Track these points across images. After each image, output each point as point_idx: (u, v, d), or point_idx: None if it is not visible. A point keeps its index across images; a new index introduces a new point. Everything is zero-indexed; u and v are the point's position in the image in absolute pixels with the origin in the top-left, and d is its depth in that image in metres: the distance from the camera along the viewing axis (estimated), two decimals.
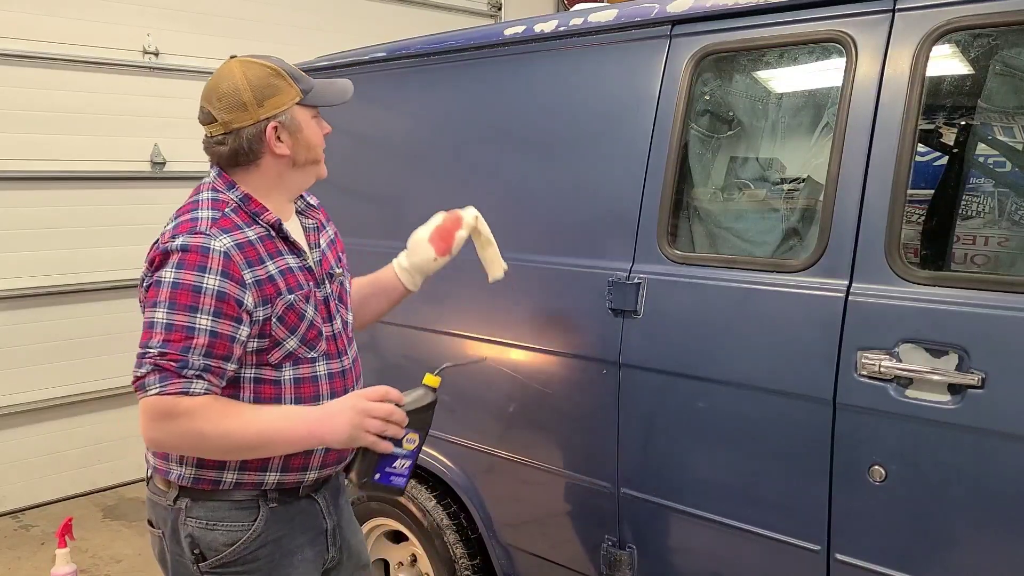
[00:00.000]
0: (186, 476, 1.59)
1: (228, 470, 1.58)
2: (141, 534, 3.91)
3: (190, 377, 1.46)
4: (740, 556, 1.85)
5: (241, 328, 1.51)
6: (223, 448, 1.51)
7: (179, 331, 1.46)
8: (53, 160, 4.16)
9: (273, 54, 1.68)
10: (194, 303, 1.46)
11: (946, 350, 1.54)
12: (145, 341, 1.47)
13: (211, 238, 1.50)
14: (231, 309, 1.49)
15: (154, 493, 1.66)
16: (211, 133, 1.61)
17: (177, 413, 1.45)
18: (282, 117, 1.60)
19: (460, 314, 2.31)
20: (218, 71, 1.62)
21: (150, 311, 1.49)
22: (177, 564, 1.64)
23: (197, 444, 1.50)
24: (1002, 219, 2.55)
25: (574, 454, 2.12)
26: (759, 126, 2.16)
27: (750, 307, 1.78)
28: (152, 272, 1.52)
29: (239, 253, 1.52)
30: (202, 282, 1.47)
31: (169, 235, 1.52)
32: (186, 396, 1.45)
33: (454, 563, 2.38)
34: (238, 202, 1.60)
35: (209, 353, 1.47)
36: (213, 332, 1.47)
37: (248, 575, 1.62)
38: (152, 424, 1.47)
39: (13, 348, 4.13)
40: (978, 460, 1.52)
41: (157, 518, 1.66)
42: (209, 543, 1.60)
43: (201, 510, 1.60)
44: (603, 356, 2.01)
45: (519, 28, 2.29)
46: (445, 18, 5.65)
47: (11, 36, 4.00)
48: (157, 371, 1.45)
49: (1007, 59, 1.88)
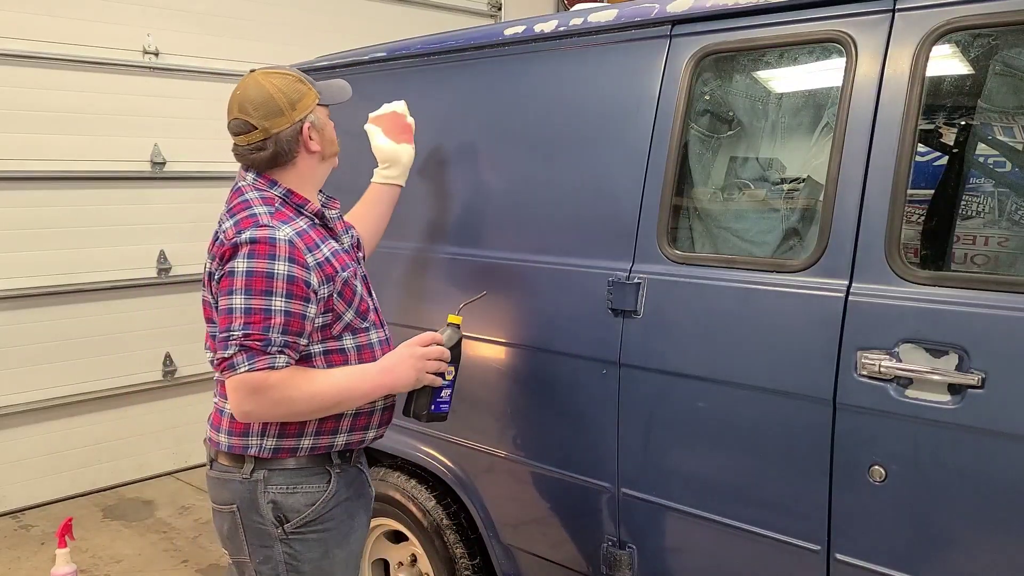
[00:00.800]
0: (267, 447, 1.76)
1: (305, 436, 1.77)
2: (141, 534, 3.92)
3: (273, 353, 1.64)
4: (740, 556, 1.85)
5: (309, 307, 1.69)
6: (309, 409, 1.71)
7: (258, 313, 1.63)
8: (53, 160, 4.17)
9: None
10: (268, 287, 1.64)
11: (946, 350, 1.54)
12: (227, 326, 1.64)
13: (275, 229, 1.68)
14: (300, 290, 1.67)
15: (224, 472, 1.81)
16: (249, 142, 1.78)
17: (267, 386, 1.63)
18: (311, 117, 1.81)
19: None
20: (244, 85, 1.80)
21: (226, 299, 1.65)
22: (258, 532, 1.78)
23: (287, 410, 1.69)
24: (1002, 219, 2.55)
25: (574, 454, 2.12)
26: (759, 126, 2.16)
27: (750, 307, 1.78)
28: (223, 265, 1.68)
29: (300, 240, 1.70)
30: (273, 268, 1.64)
31: (234, 231, 1.68)
32: (273, 370, 1.63)
33: (454, 563, 2.38)
34: (282, 198, 1.78)
35: (286, 331, 1.65)
36: (287, 312, 1.65)
37: (325, 532, 1.81)
38: (245, 398, 1.64)
39: (13, 348, 4.14)
40: (978, 460, 1.52)
41: (229, 494, 1.80)
42: (291, 505, 1.77)
43: (280, 477, 1.77)
44: (603, 356, 2.01)
45: (519, 28, 2.29)
46: (445, 18, 5.65)
47: (11, 36, 4.00)
48: (244, 351, 1.62)
49: (1007, 59, 1.88)
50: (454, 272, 2.36)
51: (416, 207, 2.42)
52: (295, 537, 1.79)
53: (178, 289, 4.61)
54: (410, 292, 2.46)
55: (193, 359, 4.65)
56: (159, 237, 4.56)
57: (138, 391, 4.56)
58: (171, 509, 4.22)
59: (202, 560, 3.64)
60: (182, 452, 4.74)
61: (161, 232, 4.56)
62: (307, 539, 1.80)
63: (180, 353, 4.65)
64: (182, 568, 3.58)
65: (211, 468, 1.85)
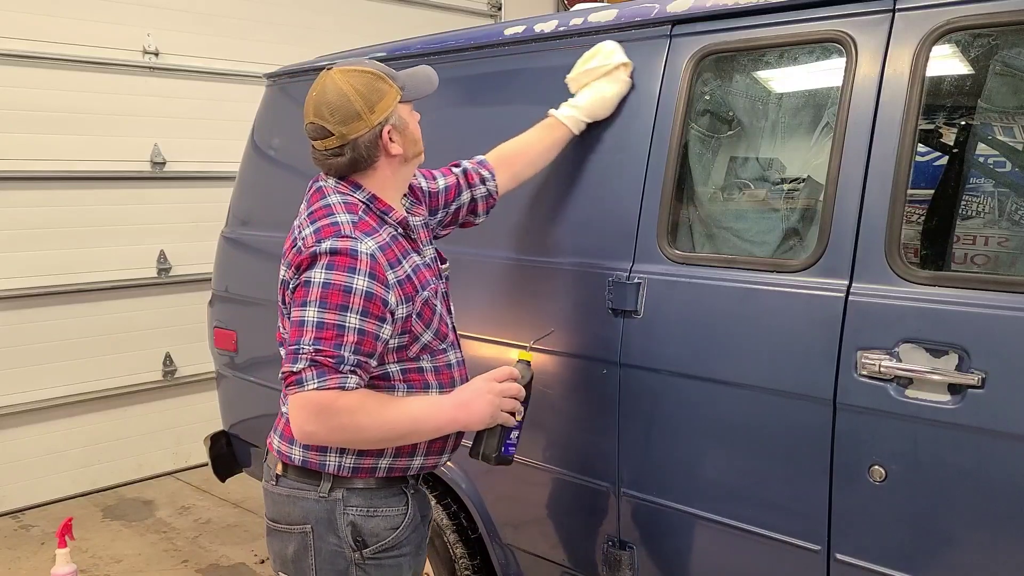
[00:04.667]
0: (346, 465, 1.65)
1: (384, 456, 1.66)
2: (141, 534, 3.91)
3: (345, 372, 1.52)
4: (740, 556, 1.85)
5: (384, 327, 1.58)
6: (376, 439, 1.60)
7: (330, 329, 1.52)
8: (53, 160, 4.17)
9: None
10: (344, 302, 1.52)
11: (946, 350, 1.54)
12: (297, 339, 1.53)
13: (358, 241, 1.57)
14: (377, 309, 1.56)
15: (296, 488, 1.68)
16: (326, 147, 1.64)
17: (336, 408, 1.52)
18: (393, 119, 1.66)
19: (460, 314, 2.31)
20: (320, 85, 1.64)
21: (299, 310, 1.54)
22: (332, 555, 1.66)
23: (353, 437, 1.57)
24: (1002, 219, 2.55)
25: (574, 454, 2.12)
26: (759, 126, 2.16)
27: (750, 307, 1.78)
28: (299, 274, 1.57)
29: (382, 255, 1.59)
30: (352, 283, 1.53)
31: (313, 239, 1.57)
32: (343, 391, 1.52)
33: (454, 563, 2.38)
34: (366, 203, 1.66)
35: (358, 350, 1.54)
36: (361, 330, 1.54)
37: (401, 557, 1.71)
38: (310, 418, 1.52)
39: (13, 348, 4.14)
40: (978, 460, 1.52)
41: (301, 513, 1.67)
42: (371, 529, 1.66)
43: (359, 498, 1.66)
44: (603, 356, 2.01)
45: (519, 28, 2.29)
46: (445, 18, 5.65)
47: (11, 36, 4.00)
48: (314, 367, 1.51)
49: (1007, 59, 1.88)
50: (454, 272, 2.36)
51: None
52: (372, 563, 1.67)
53: (178, 289, 4.60)
54: None
55: (193, 359, 4.64)
56: (159, 237, 4.56)
57: (138, 391, 4.56)
58: (171, 509, 4.22)
59: (202, 560, 3.64)
60: (182, 452, 4.74)
61: (161, 232, 4.56)
62: (383, 565, 1.68)
63: (180, 353, 4.65)
64: (182, 568, 3.58)
65: (276, 483, 1.70)
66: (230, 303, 3.13)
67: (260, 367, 2.97)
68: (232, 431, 3.20)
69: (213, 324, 3.19)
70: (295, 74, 2.96)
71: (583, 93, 2.05)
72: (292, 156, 2.88)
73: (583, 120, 2.05)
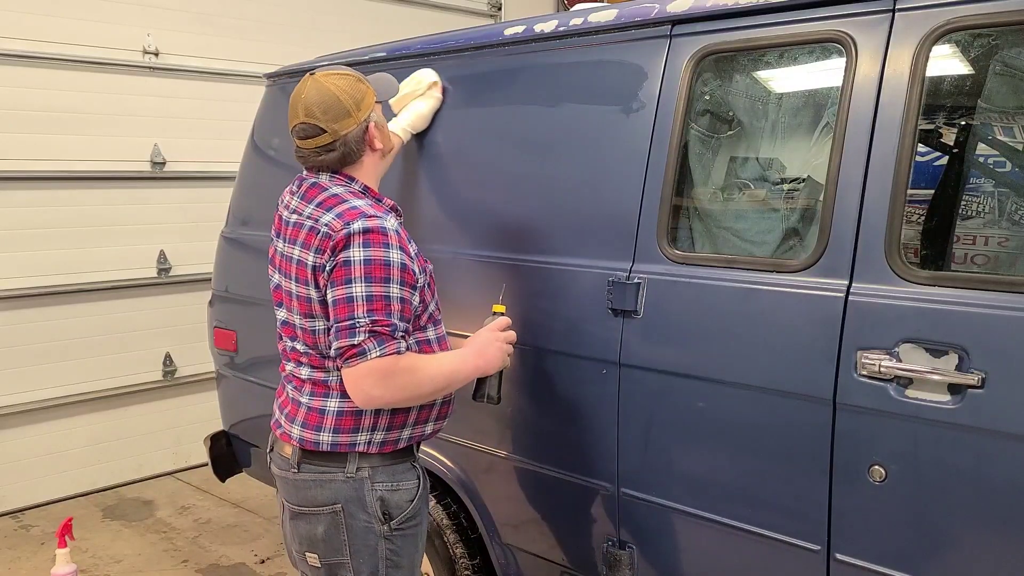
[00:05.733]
0: (376, 441, 1.78)
1: (406, 427, 1.82)
2: (141, 534, 3.91)
3: (399, 338, 1.69)
4: (740, 556, 1.85)
5: (415, 295, 1.76)
6: (430, 391, 1.76)
7: (379, 300, 1.67)
8: (53, 160, 4.16)
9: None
10: (387, 274, 1.68)
11: (946, 350, 1.54)
12: (349, 314, 1.66)
13: (383, 219, 1.71)
14: (410, 278, 1.73)
15: (323, 472, 1.78)
16: (318, 144, 1.78)
17: (397, 370, 1.68)
18: (374, 116, 1.83)
19: (460, 314, 2.31)
20: (307, 89, 1.77)
21: (344, 287, 1.67)
22: (363, 531, 1.78)
23: (413, 392, 1.73)
24: (1002, 219, 2.55)
25: (574, 454, 2.12)
26: (759, 126, 2.16)
27: (750, 307, 1.78)
28: (335, 255, 1.69)
29: (403, 230, 1.77)
30: (389, 256, 1.69)
31: (341, 223, 1.69)
32: (399, 355, 1.69)
33: (454, 563, 2.38)
34: (363, 193, 1.82)
35: (403, 316, 1.71)
36: (402, 299, 1.71)
37: (418, 526, 1.87)
38: (376, 383, 1.67)
39: (13, 348, 4.13)
40: (978, 460, 1.52)
41: (331, 494, 1.78)
42: (397, 502, 1.81)
43: (383, 474, 1.80)
44: (603, 356, 2.01)
45: (519, 28, 2.29)
46: (445, 18, 5.65)
47: (11, 36, 4.00)
48: (374, 336, 1.66)
49: (1007, 59, 1.88)
50: (454, 271, 2.36)
51: (416, 207, 2.42)
52: (398, 533, 1.81)
53: (178, 289, 4.60)
54: None
55: (193, 359, 4.64)
56: (159, 237, 4.56)
57: (138, 391, 4.56)
58: (171, 509, 4.21)
59: (202, 560, 3.64)
60: (182, 452, 4.74)
61: (161, 232, 4.56)
62: (407, 535, 1.83)
63: (180, 353, 4.65)
64: (182, 568, 3.58)
65: (299, 471, 1.79)
66: (230, 303, 3.13)
67: (260, 367, 2.97)
68: (232, 431, 3.20)
69: (213, 324, 3.19)
70: (295, 74, 2.96)
71: (403, 113, 2.36)
72: (292, 156, 2.87)
73: (409, 132, 2.35)
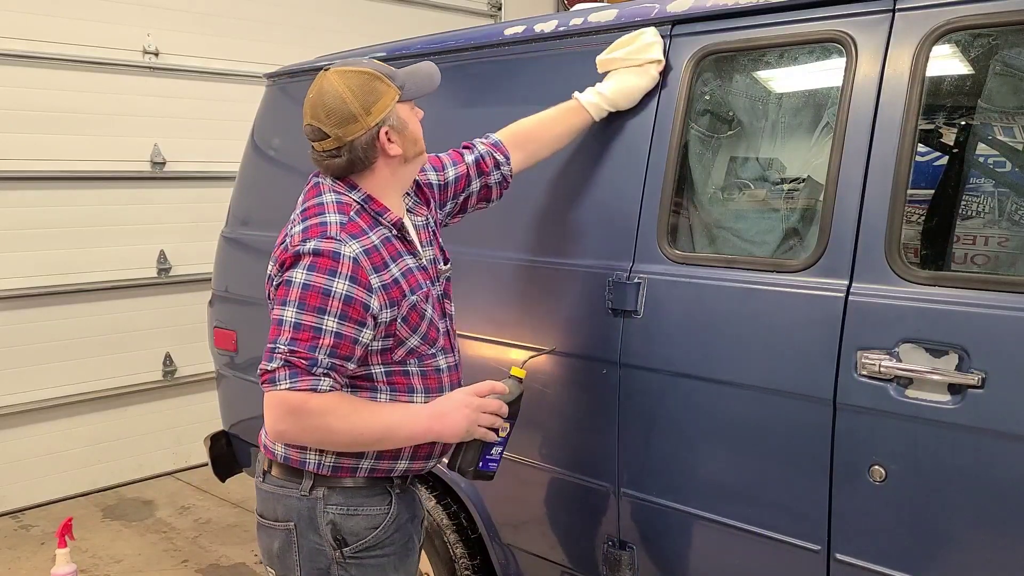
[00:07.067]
0: (326, 464, 1.65)
1: (366, 458, 1.66)
2: (141, 534, 3.91)
3: (318, 375, 1.53)
4: (740, 556, 1.85)
5: (364, 331, 1.57)
6: (347, 442, 1.60)
7: (307, 331, 1.52)
8: (53, 160, 4.17)
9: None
10: (323, 305, 1.53)
11: (946, 350, 1.54)
12: (274, 338, 1.54)
13: (342, 243, 1.56)
14: (356, 313, 1.55)
15: (279, 486, 1.69)
16: (323, 148, 1.64)
17: (307, 409, 1.53)
18: (391, 120, 1.63)
19: (460, 314, 2.31)
20: (317, 87, 1.63)
21: (279, 309, 1.56)
22: (313, 553, 1.67)
23: (323, 438, 1.58)
24: (1002, 219, 2.55)
25: (574, 454, 2.12)
26: (759, 126, 2.16)
27: (750, 307, 1.78)
28: (282, 272, 1.58)
29: (367, 259, 1.58)
30: (332, 286, 1.53)
31: (299, 238, 1.57)
32: (315, 393, 1.53)
33: (454, 563, 2.38)
34: (361, 204, 1.65)
35: (334, 353, 1.54)
36: (338, 334, 1.54)
37: (384, 557, 1.70)
38: (281, 417, 1.54)
39: (13, 348, 4.13)
40: (978, 460, 1.52)
41: (285, 510, 1.68)
42: (351, 528, 1.66)
43: (339, 497, 1.66)
44: (603, 356, 2.01)
45: (519, 28, 2.29)
46: (445, 18, 5.65)
47: (11, 36, 4.00)
48: (288, 367, 1.52)
49: (1007, 59, 1.88)
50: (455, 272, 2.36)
51: None
52: (352, 562, 1.67)
53: (178, 289, 4.60)
54: None
55: (193, 359, 4.64)
56: (159, 237, 4.56)
57: (138, 391, 4.56)
58: (171, 509, 4.21)
59: (202, 560, 3.64)
60: (182, 452, 4.74)
61: (161, 232, 4.56)
62: (365, 564, 1.68)
63: (180, 353, 4.65)
64: (182, 568, 3.58)
65: (263, 480, 1.72)
66: (230, 303, 3.12)
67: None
68: (232, 431, 3.20)
69: (213, 324, 3.19)
70: (295, 74, 2.96)
71: (609, 80, 2.01)
72: (292, 156, 2.88)
73: (606, 108, 2.02)
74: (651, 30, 2.00)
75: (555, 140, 2.04)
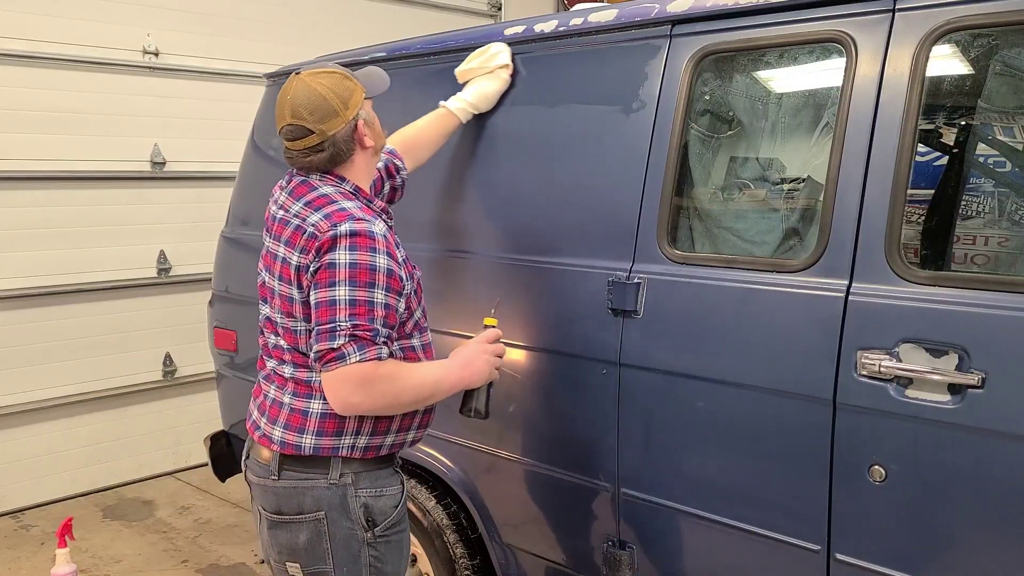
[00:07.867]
0: (360, 446, 1.74)
1: (390, 433, 1.78)
2: (141, 534, 3.91)
3: (380, 344, 1.65)
4: (740, 556, 1.85)
5: (401, 301, 1.72)
6: (411, 400, 1.72)
7: (362, 305, 1.63)
8: (53, 160, 4.16)
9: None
10: (372, 279, 1.64)
11: (946, 350, 1.54)
12: (330, 317, 1.63)
13: (371, 223, 1.67)
14: (396, 284, 1.69)
15: (304, 479, 1.73)
16: (306, 146, 1.74)
17: (377, 377, 1.64)
18: (363, 114, 1.78)
19: (460, 314, 2.31)
20: (292, 89, 1.73)
21: (327, 290, 1.64)
22: (346, 539, 1.74)
23: (391, 402, 1.69)
24: (1002, 219, 2.55)
25: (574, 454, 2.12)
26: (759, 126, 2.16)
27: (750, 307, 1.78)
28: (319, 257, 1.65)
29: (391, 234, 1.74)
30: (376, 261, 1.65)
31: (328, 224, 1.66)
32: (380, 361, 1.65)
33: (454, 563, 2.38)
34: (354, 194, 1.78)
35: (386, 323, 1.67)
36: (387, 304, 1.66)
37: (402, 532, 1.84)
38: (354, 389, 1.63)
39: (13, 348, 4.13)
40: (978, 460, 1.52)
41: (312, 501, 1.73)
42: (380, 509, 1.77)
43: (366, 480, 1.76)
44: (603, 356, 2.01)
45: (519, 28, 2.29)
46: (445, 18, 5.65)
47: (11, 36, 4.00)
48: (354, 341, 1.62)
49: (1007, 59, 1.88)
50: (454, 271, 2.36)
51: (416, 207, 2.42)
52: (381, 540, 1.77)
53: (178, 289, 4.60)
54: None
55: (193, 359, 4.64)
56: (159, 237, 4.56)
57: (138, 391, 4.56)
58: (171, 509, 4.21)
59: (202, 560, 3.64)
60: (182, 452, 4.74)
61: (161, 232, 4.56)
62: (391, 541, 1.80)
63: (180, 353, 4.65)
64: (182, 568, 3.58)
65: (279, 478, 1.73)
66: (230, 303, 3.12)
67: None
68: (232, 431, 3.20)
69: (213, 324, 3.19)
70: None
71: (470, 87, 2.27)
72: None
73: (470, 111, 2.27)
74: (497, 43, 2.27)
75: (433, 145, 2.26)
